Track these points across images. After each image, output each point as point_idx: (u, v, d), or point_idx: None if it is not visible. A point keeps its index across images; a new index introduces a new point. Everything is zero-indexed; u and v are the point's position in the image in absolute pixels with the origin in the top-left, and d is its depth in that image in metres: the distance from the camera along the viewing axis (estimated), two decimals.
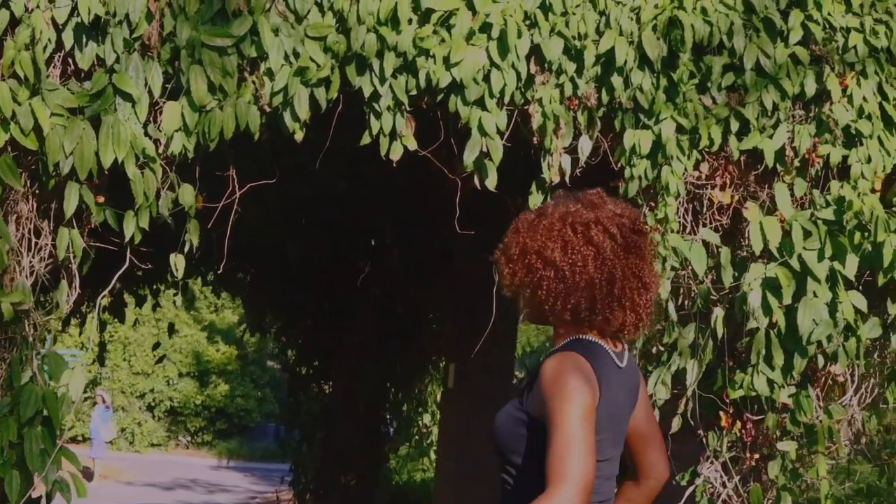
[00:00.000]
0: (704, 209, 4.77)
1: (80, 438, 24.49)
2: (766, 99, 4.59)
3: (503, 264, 2.64)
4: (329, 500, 9.97)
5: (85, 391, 15.44)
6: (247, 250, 9.04)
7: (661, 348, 4.83)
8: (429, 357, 10.73)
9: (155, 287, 9.83)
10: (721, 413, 4.69)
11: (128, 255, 4.20)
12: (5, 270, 3.93)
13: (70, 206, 3.97)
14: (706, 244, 4.70)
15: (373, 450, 10.16)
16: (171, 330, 9.94)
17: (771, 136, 4.62)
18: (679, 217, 4.73)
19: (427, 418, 12.34)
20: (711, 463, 4.87)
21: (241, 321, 10.88)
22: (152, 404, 27.56)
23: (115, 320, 9.81)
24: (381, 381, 10.28)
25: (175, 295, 11.28)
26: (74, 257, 4.09)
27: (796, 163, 4.67)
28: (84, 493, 4.07)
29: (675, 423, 4.65)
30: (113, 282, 4.30)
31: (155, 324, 28.03)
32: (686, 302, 4.79)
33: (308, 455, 10.21)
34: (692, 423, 4.72)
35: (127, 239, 4.11)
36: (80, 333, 9.76)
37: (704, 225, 4.76)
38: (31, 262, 4.09)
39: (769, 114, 4.63)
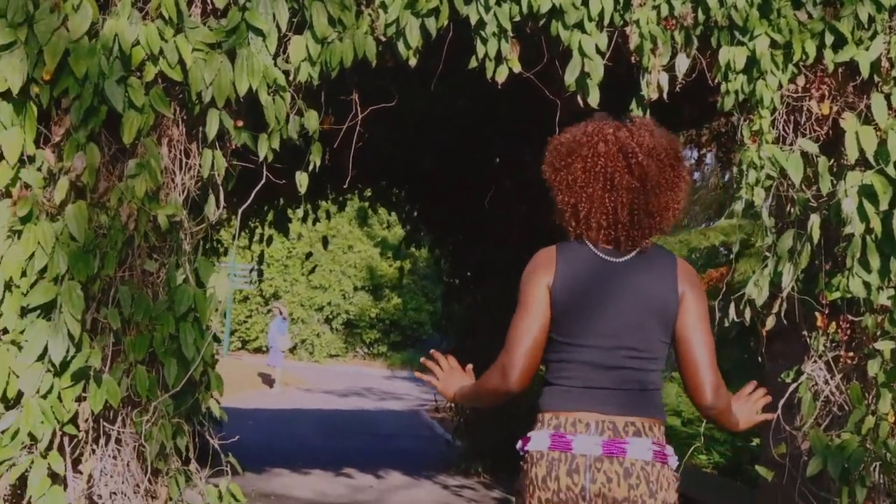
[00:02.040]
0: (804, 121, 4.97)
1: (263, 349, 26.02)
2: (861, 12, 4.73)
3: None
4: None
5: (266, 304, 16.55)
6: (393, 168, 9.59)
7: (768, 254, 5.08)
8: None
9: (316, 203, 10.53)
10: (817, 314, 4.93)
11: (264, 172, 4.73)
12: (160, 187, 4.51)
13: (212, 130, 4.51)
14: (806, 154, 4.90)
15: None
16: (326, 243, 10.54)
17: (867, 49, 4.77)
18: (779, 129, 4.95)
19: None
20: (815, 362, 5.11)
21: None
22: (330, 317, 28.85)
23: (282, 235, 10.57)
24: None
25: (336, 212, 12.00)
26: (219, 175, 4.64)
27: (893, 73, 4.81)
28: (217, 386, 4.66)
29: (770, 322, 4.92)
30: (251, 197, 4.83)
31: (330, 240, 29.25)
32: (790, 209, 5.01)
33: (461, 363, 10.68)
34: (784, 322, 4.96)
35: (261, 158, 4.63)
36: (249, 247, 10.48)
37: (804, 135, 4.95)
38: (182, 179, 4.67)
39: (865, 26, 4.77)
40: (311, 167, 4.77)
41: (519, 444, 2.82)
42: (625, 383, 2.75)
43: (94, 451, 4.51)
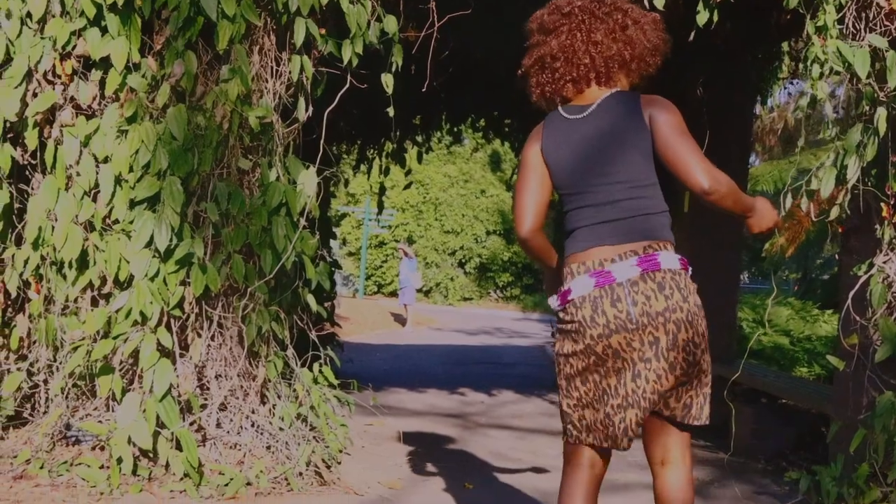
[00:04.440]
0: (873, 16, 5.03)
1: (398, 293, 26.68)
2: None
3: None
4: None
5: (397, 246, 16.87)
6: (500, 97, 9.80)
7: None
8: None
9: (428, 134, 10.87)
10: (882, 204, 5.03)
11: (348, 77, 5.07)
12: (252, 92, 4.90)
13: (299, 38, 4.88)
14: (876, 50, 4.97)
15: None
16: (408, 172, 10.78)
17: None
18: (848, 25, 5.03)
19: None
20: (886, 254, 5.20)
21: None
22: (463, 261, 29.34)
23: (398, 165, 10.93)
24: None
25: (449, 146, 12.23)
26: (307, 80, 5.01)
27: None
28: (312, 274, 5.04)
29: (834, 213, 5.04)
30: (336, 100, 5.17)
31: (463, 185, 29.67)
32: (857, 103, 5.08)
33: None
34: (845, 214, 5.06)
35: (345, 62, 4.98)
36: (368, 178, 10.89)
37: (874, 31, 5.02)
38: (273, 85, 5.06)
39: None
40: (394, 68, 5.08)
41: (558, 301, 3.09)
42: (629, 211, 3.02)
43: (199, 333, 4.96)
